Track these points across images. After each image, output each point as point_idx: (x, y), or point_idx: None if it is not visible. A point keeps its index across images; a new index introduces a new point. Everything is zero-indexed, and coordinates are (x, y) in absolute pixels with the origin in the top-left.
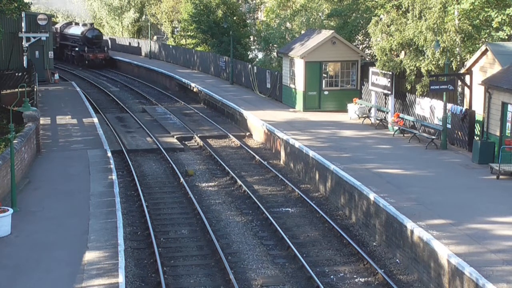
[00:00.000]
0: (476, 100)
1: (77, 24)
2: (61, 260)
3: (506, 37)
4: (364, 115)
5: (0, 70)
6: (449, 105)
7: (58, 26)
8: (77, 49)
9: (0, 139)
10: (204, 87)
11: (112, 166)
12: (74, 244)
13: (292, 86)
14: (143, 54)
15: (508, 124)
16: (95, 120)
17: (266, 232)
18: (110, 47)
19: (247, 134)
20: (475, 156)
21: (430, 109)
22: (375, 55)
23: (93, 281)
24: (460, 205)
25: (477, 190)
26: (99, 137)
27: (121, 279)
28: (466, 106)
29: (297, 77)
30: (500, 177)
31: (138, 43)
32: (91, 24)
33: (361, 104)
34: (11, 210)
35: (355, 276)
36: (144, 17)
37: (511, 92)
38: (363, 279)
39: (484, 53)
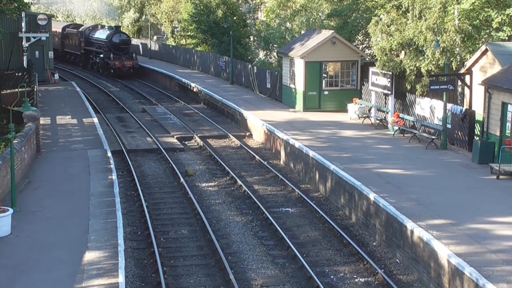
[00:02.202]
0: (476, 100)
1: (103, 27)
2: (61, 260)
3: (506, 38)
4: (364, 115)
5: (0, 70)
6: (449, 105)
7: (82, 29)
8: (101, 55)
9: (0, 139)
10: (204, 87)
11: (112, 166)
12: (74, 244)
13: (292, 86)
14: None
15: (508, 124)
16: (95, 120)
17: (266, 232)
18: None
19: (247, 134)
20: (475, 156)
21: (430, 109)
22: (375, 55)
23: (93, 281)
24: (460, 205)
25: (477, 190)
26: (99, 137)
27: (121, 279)
28: (466, 106)
29: (297, 77)
30: (500, 177)
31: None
32: (118, 27)
33: (361, 104)
34: (11, 210)
35: (355, 276)
36: (144, 17)
37: (511, 92)
38: (363, 279)
39: (484, 53)
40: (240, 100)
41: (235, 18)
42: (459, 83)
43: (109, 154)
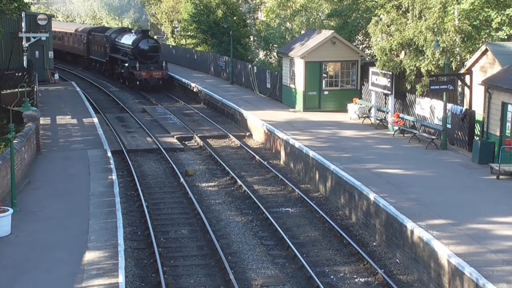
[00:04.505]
0: (476, 100)
1: (130, 31)
2: (61, 260)
3: (506, 37)
4: (364, 115)
5: (0, 70)
6: (449, 105)
7: (108, 33)
8: (126, 64)
9: (0, 139)
10: (204, 87)
11: (112, 166)
12: (74, 244)
13: (292, 86)
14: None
15: (508, 124)
16: (95, 120)
17: (266, 232)
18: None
19: (247, 134)
20: (475, 156)
21: (430, 109)
22: (375, 55)
23: (93, 281)
24: (460, 205)
25: (477, 190)
26: (99, 137)
27: (121, 279)
28: (466, 106)
29: (297, 77)
30: (500, 177)
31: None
32: (145, 31)
33: (361, 104)
34: (11, 210)
35: (355, 276)
36: (144, 17)
37: (511, 92)
38: (363, 279)
39: (484, 53)
40: (240, 100)
41: (235, 18)
42: (459, 83)
43: (109, 154)
